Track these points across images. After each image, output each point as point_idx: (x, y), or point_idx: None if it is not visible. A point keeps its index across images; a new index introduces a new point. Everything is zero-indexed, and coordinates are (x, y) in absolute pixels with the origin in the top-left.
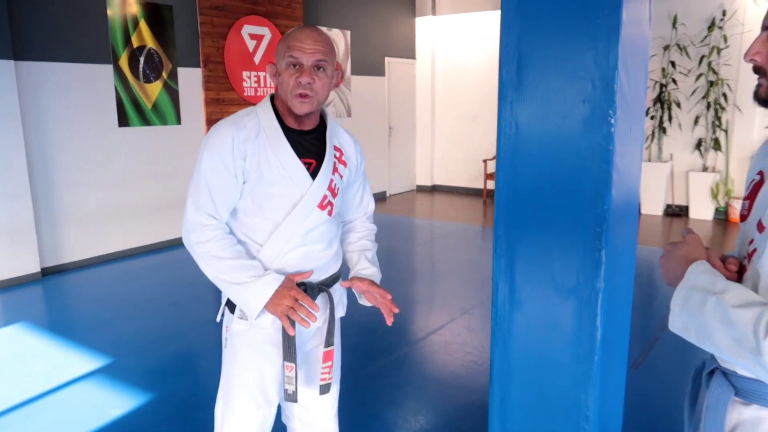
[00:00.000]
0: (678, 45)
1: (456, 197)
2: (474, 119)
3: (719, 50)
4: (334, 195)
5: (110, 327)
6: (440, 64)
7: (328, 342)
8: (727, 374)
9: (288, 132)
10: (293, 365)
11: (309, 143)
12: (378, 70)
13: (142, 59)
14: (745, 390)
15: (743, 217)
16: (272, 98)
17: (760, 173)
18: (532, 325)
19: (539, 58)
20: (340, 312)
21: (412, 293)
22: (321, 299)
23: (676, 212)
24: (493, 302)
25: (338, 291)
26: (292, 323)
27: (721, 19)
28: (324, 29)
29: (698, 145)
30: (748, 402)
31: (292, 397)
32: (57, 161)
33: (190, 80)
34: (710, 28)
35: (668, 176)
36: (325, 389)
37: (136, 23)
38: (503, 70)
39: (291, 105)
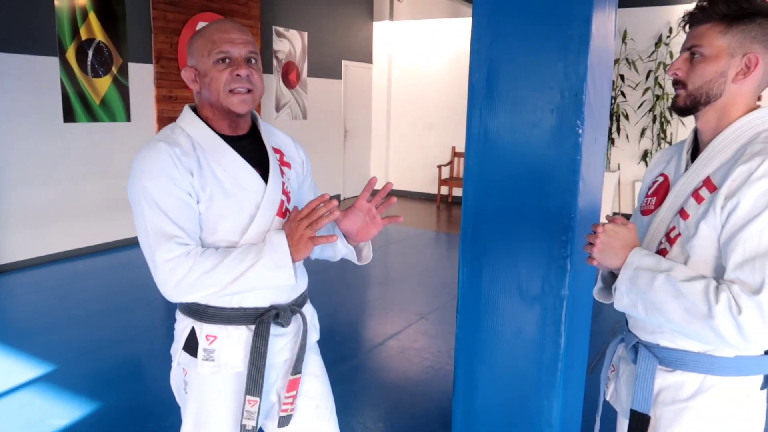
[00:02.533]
0: (627, 59)
1: (410, 202)
2: (430, 126)
3: (665, 66)
4: (289, 200)
5: (53, 332)
6: (397, 69)
7: (296, 369)
8: (648, 347)
9: (223, 140)
10: (257, 399)
11: (247, 149)
12: (335, 73)
13: (90, 52)
14: (667, 359)
15: (649, 211)
16: (193, 109)
17: (663, 175)
18: (497, 332)
19: (509, 68)
20: (314, 336)
21: (368, 299)
22: (293, 324)
23: None
24: (458, 309)
25: (309, 312)
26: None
27: (668, 36)
28: (281, 29)
29: (644, 156)
30: (672, 369)
31: None
32: None
33: (142, 76)
34: (657, 44)
35: (615, 186)
36: (284, 421)
37: (85, 15)
38: (473, 78)
39: (228, 105)
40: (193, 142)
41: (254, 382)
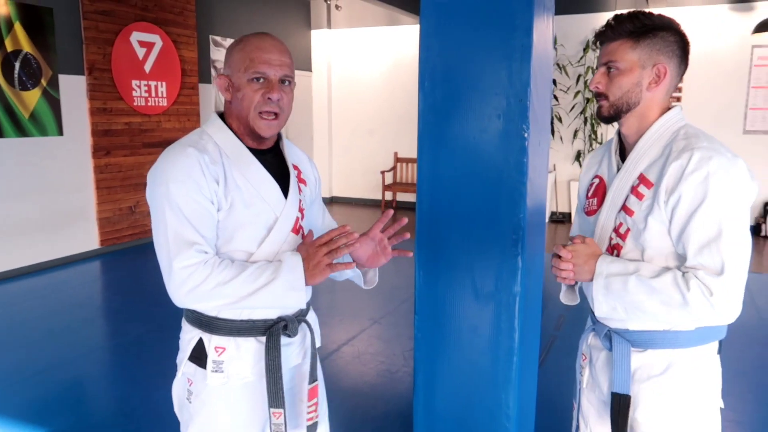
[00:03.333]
0: (558, 64)
1: (355, 209)
2: (370, 132)
3: (593, 70)
4: (303, 216)
5: None
6: (336, 77)
7: (312, 377)
8: (620, 333)
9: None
10: (281, 411)
11: (269, 163)
12: None
13: (17, 65)
14: (638, 341)
15: (593, 212)
16: (221, 116)
17: (598, 177)
18: (454, 331)
19: (457, 76)
20: (317, 342)
21: (320, 306)
22: (301, 332)
23: (560, 219)
24: (415, 311)
25: (313, 319)
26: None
27: (594, 42)
28: (218, 38)
29: (577, 156)
30: (643, 349)
31: None
32: None
33: (74, 88)
34: (585, 49)
35: (552, 186)
36: (312, 429)
37: (10, 25)
38: (423, 86)
39: (255, 126)
40: (220, 150)
41: (275, 395)
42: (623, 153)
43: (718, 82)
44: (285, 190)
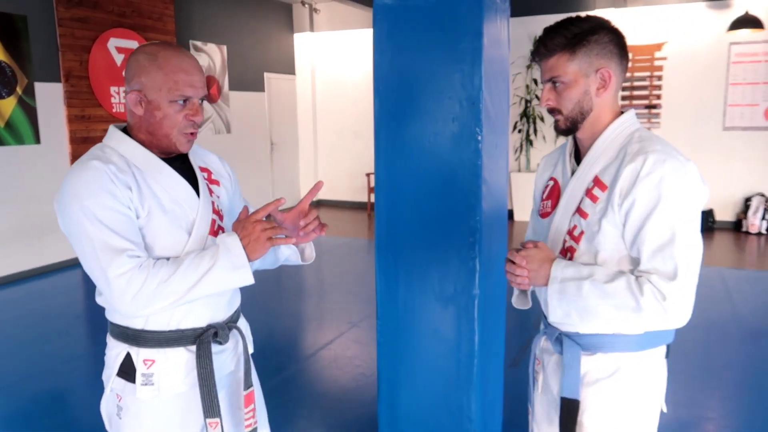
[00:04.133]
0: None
1: (341, 211)
2: (355, 134)
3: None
4: (221, 218)
5: None
6: (320, 80)
7: (247, 383)
8: (570, 336)
9: None
10: (217, 420)
11: (178, 169)
12: (257, 86)
13: None
14: (588, 345)
15: (547, 214)
16: (123, 129)
17: (553, 179)
18: (416, 334)
19: (410, 81)
20: (250, 348)
21: (300, 310)
22: (233, 339)
23: None
24: (377, 315)
25: (244, 325)
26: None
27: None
28: (199, 44)
29: None
30: (593, 352)
31: None
32: None
33: (50, 96)
34: None
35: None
36: None
37: None
38: (377, 93)
39: (175, 142)
40: (127, 161)
41: (210, 404)
42: (578, 156)
43: (696, 80)
44: (198, 194)
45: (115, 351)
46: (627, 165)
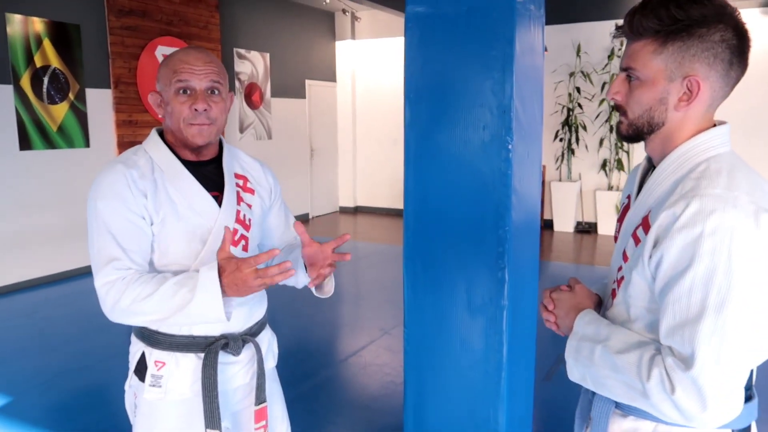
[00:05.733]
0: (582, 72)
1: (378, 218)
2: (394, 141)
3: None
4: (246, 228)
5: (8, 364)
6: (360, 87)
7: (259, 399)
8: None
9: (185, 165)
10: None
11: (210, 175)
12: (298, 93)
13: (46, 79)
14: (622, 404)
15: (616, 239)
16: (160, 132)
17: (629, 197)
18: (443, 343)
19: (441, 88)
20: (270, 363)
21: (334, 316)
22: (247, 352)
23: (586, 229)
24: (405, 323)
25: (266, 339)
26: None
27: (620, 49)
28: (243, 51)
29: (603, 165)
30: (626, 414)
31: None
32: None
33: (100, 102)
34: (610, 56)
35: (577, 195)
36: None
37: (39, 42)
38: (408, 100)
39: (187, 136)
40: (154, 165)
41: (210, 415)
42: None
43: (750, 89)
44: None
45: (134, 348)
46: (667, 208)
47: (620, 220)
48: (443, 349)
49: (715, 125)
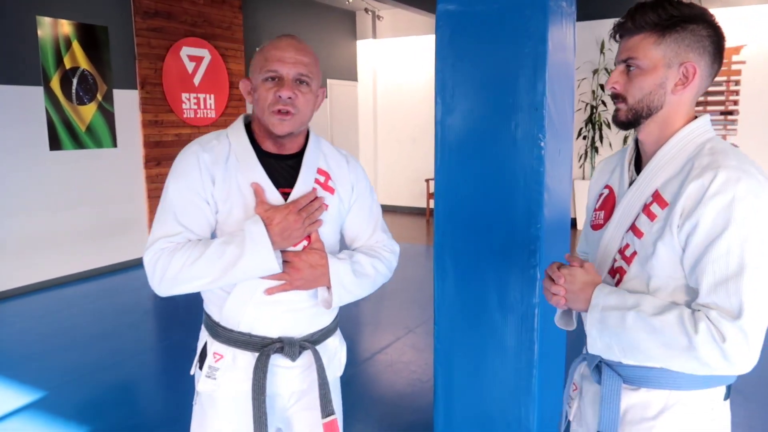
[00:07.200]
0: (606, 69)
1: (400, 216)
2: (415, 140)
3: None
4: (320, 224)
5: (41, 359)
6: (381, 86)
7: (326, 411)
8: (612, 366)
9: (265, 157)
10: None
11: (288, 170)
12: None
13: (75, 81)
14: (632, 377)
15: (599, 226)
16: (247, 121)
17: (608, 187)
18: (474, 341)
19: (472, 86)
20: (335, 372)
21: (358, 314)
22: (305, 358)
23: None
24: (435, 321)
25: (331, 348)
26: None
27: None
28: None
29: None
30: (637, 387)
31: None
32: None
33: (127, 102)
34: None
35: None
36: None
37: (69, 44)
38: (439, 98)
39: (269, 124)
40: (230, 151)
41: (258, 419)
42: (639, 164)
43: None
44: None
45: (201, 337)
46: (693, 180)
47: (604, 208)
48: (474, 346)
49: (696, 117)
